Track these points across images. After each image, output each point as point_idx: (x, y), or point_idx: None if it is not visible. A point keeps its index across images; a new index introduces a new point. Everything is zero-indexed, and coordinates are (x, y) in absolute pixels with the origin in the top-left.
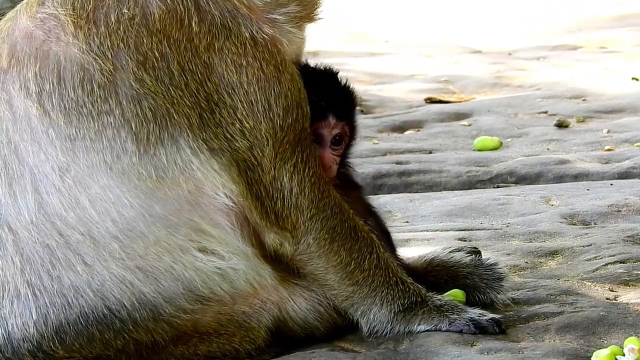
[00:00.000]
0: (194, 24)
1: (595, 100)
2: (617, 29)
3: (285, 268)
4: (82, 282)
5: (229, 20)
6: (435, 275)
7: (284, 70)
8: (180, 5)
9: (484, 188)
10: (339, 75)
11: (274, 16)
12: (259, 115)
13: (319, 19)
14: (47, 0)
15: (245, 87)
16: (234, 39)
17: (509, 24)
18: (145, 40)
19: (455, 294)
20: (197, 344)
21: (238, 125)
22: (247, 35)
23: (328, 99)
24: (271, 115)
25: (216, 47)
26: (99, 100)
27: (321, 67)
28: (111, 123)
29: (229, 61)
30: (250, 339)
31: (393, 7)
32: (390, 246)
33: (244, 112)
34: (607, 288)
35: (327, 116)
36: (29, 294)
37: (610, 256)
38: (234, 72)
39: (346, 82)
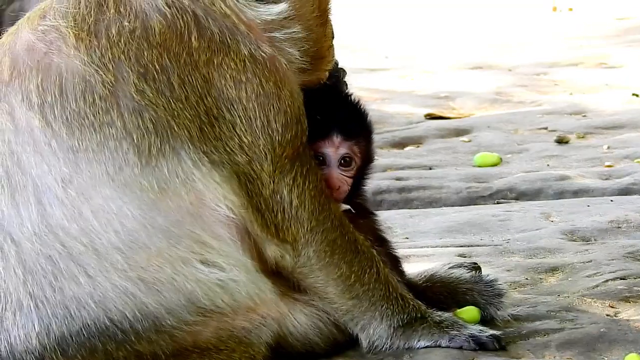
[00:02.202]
0: (193, 39)
1: (595, 116)
2: (618, 45)
3: (286, 283)
4: (84, 293)
5: (227, 37)
6: (434, 291)
7: (284, 87)
8: (180, 20)
9: (484, 204)
10: (350, 95)
11: (273, 35)
12: (257, 131)
13: (330, 58)
14: (48, 13)
15: (244, 102)
16: (233, 56)
17: (508, 40)
18: (145, 53)
19: (470, 311)
20: (196, 359)
21: (237, 140)
22: (246, 52)
23: (333, 117)
24: (270, 131)
25: (215, 62)
26: (100, 111)
27: (333, 87)
28: (113, 134)
29: (228, 77)
30: (250, 355)
31: (393, 23)
32: (400, 273)
33: (242, 128)
34: (607, 304)
35: (332, 135)
36: (32, 306)
37: (611, 272)
38: (233, 88)
39: (357, 103)
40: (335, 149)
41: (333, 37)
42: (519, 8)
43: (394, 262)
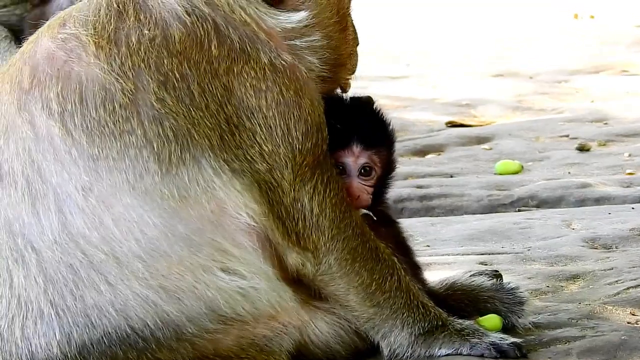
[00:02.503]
0: (213, 48)
1: (616, 123)
2: (639, 53)
3: (307, 291)
4: (105, 301)
5: (247, 45)
6: (456, 299)
7: (304, 96)
8: (200, 29)
9: (505, 212)
10: (372, 104)
11: (293, 42)
12: (277, 140)
13: (351, 66)
14: (68, 22)
15: (264, 111)
16: (253, 64)
17: (530, 48)
18: (165, 61)
19: (492, 320)
20: None
21: (257, 148)
22: (266, 60)
23: (353, 127)
24: (290, 140)
25: (235, 71)
26: (120, 120)
27: (356, 96)
28: (133, 143)
29: (248, 85)
30: None
31: (414, 31)
32: (421, 281)
33: (262, 136)
34: (628, 312)
35: (351, 144)
36: (53, 314)
37: (632, 280)
38: (253, 96)
39: (379, 112)
40: (355, 158)
41: (357, 44)
42: (540, 15)
43: (415, 270)
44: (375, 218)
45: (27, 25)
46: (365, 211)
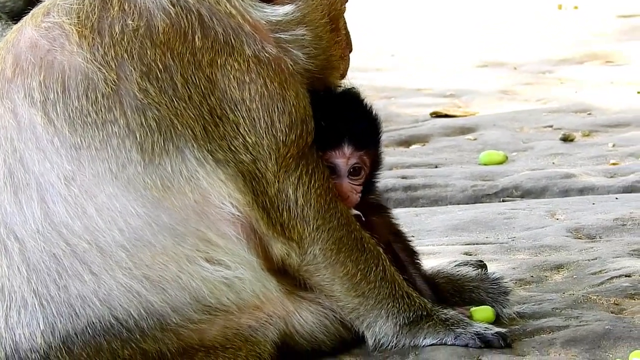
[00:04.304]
0: (197, 39)
1: (600, 114)
2: (623, 43)
3: (292, 281)
4: (89, 291)
5: (232, 37)
6: (440, 289)
7: (289, 88)
8: (184, 20)
9: (489, 202)
10: (362, 101)
11: (279, 36)
12: (261, 131)
13: (341, 70)
14: (52, 10)
15: (248, 103)
16: (237, 56)
17: (514, 38)
18: (149, 52)
19: (485, 311)
20: (203, 358)
21: (241, 140)
22: (250, 53)
23: (344, 127)
24: (274, 132)
25: (219, 62)
26: (103, 109)
27: (345, 92)
28: (116, 132)
29: (232, 77)
30: (256, 353)
31: (399, 22)
32: (417, 267)
33: (246, 128)
34: (612, 302)
35: (342, 146)
36: (36, 304)
37: (616, 270)
38: (237, 89)
39: (369, 109)
40: (346, 159)
41: (350, 49)
42: (524, 6)
43: (411, 256)
44: (364, 219)
45: None
46: (355, 212)
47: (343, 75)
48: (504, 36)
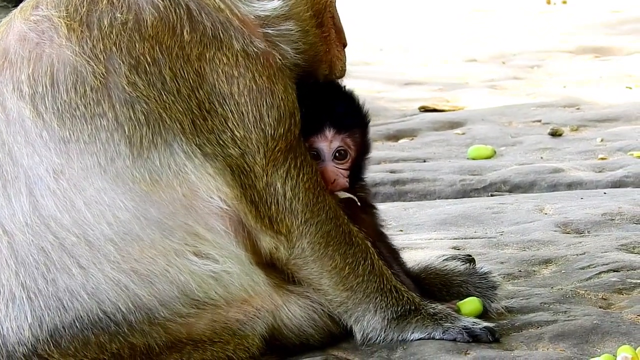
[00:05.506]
0: (185, 33)
1: (589, 109)
2: (612, 37)
3: (280, 275)
4: (77, 285)
5: (220, 31)
6: (429, 283)
7: (277, 82)
8: (173, 14)
9: (477, 197)
10: (343, 88)
11: (267, 30)
12: (249, 125)
13: (340, 71)
14: (41, 3)
15: (236, 97)
16: (225, 50)
17: (503, 33)
18: (137, 45)
19: (472, 303)
20: (191, 351)
21: (229, 134)
22: (239, 47)
23: (324, 111)
24: (262, 126)
25: (207, 57)
26: (92, 102)
27: (328, 82)
28: (104, 126)
29: (220, 72)
30: (244, 347)
31: (388, 16)
32: (400, 265)
33: (234, 122)
34: (600, 296)
35: (324, 129)
36: (24, 297)
37: (604, 265)
38: (225, 83)
39: (351, 95)
40: (328, 143)
41: (345, 44)
42: (513, 1)
43: (395, 255)
44: (359, 203)
45: None
46: (348, 195)
47: (342, 74)
48: (492, 30)
